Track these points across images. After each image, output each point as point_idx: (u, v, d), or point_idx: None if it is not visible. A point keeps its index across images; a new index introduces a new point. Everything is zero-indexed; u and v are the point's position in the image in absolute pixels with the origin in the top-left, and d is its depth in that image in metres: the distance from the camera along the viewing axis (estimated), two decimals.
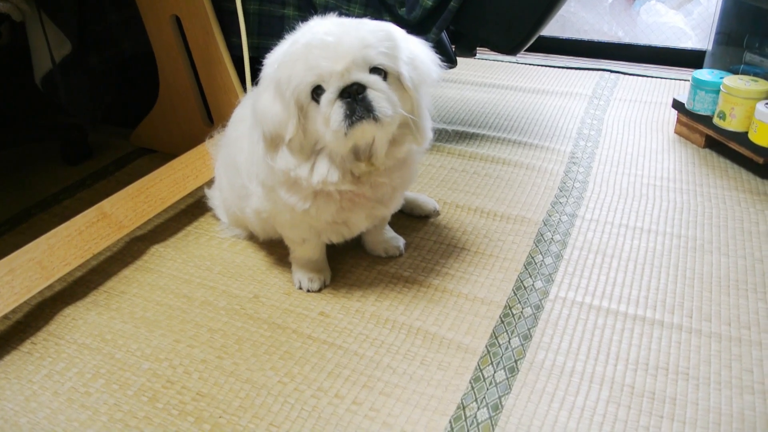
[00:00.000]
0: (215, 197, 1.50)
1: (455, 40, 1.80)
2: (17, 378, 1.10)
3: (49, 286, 1.28)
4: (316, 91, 1.00)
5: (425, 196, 1.53)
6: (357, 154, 1.06)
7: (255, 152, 1.14)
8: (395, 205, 1.24)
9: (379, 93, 0.99)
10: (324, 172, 1.05)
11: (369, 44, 0.98)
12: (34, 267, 1.21)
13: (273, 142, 1.06)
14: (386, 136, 1.05)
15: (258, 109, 1.06)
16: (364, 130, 0.99)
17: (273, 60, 1.06)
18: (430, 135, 1.12)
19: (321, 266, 1.29)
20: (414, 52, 1.06)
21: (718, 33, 1.85)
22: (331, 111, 0.98)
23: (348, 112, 0.97)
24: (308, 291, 1.27)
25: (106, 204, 1.38)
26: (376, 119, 0.98)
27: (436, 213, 1.51)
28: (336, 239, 1.25)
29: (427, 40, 1.62)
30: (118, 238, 1.36)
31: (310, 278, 1.27)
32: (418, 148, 1.13)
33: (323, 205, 1.12)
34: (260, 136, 1.08)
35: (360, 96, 0.98)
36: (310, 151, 1.06)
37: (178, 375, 1.09)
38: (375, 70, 1.00)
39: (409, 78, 1.03)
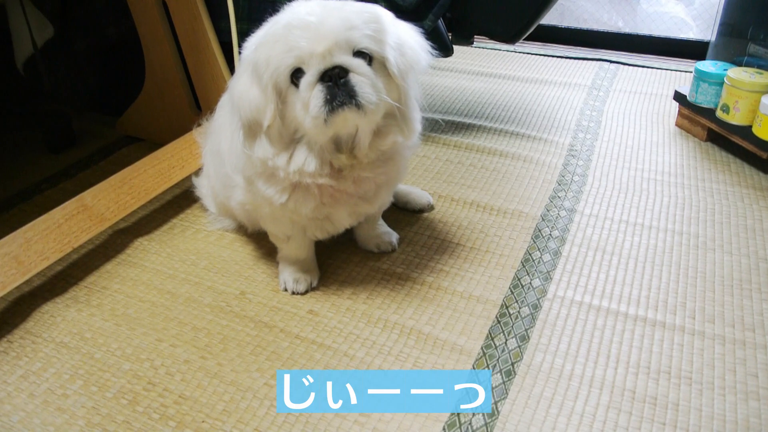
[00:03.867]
0: (203, 186, 1.44)
1: (452, 28, 1.75)
2: None
3: (27, 282, 1.22)
4: (296, 75, 0.94)
5: (419, 190, 1.48)
6: (338, 144, 1.01)
7: (235, 141, 1.09)
8: (381, 203, 1.18)
9: (362, 78, 0.93)
10: (301, 161, 1.00)
11: (353, 26, 0.93)
12: (10, 262, 1.15)
13: (251, 130, 1.01)
14: (370, 126, 0.99)
15: (234, 94, 1.01)
16: (346, 118, 0.94)
17: (251, 42, 1.01)
18: (418, 128, 1.07)
19: (308, 267, 1.23)
20: (402, 37, 1.00)
21: (722, 24, 1.80)
22: (311, 95, 0.92)
23: (328, 97, 0.92)
24: (293, 293, 1.21)
25: (87, 195, 1.32)
26: (359, 106, 0.93)
27: (430, 207, 1.46)
28: (321, 235, 1.19)
29: (422, 27, 1.55)
30: (99, 231, 1.30)
31: (296, 279, 1.21)
32: (406, 142, 1.06)
33: (301, 199, 1.06)
34: (238, 124, 1.03)
35: (342, 80, 0.92)
36: (290, 139, 1.01)
37: (160, 376, 1.04)
38: (359, 54, 0.94)
39: (396, 64, 0.97)
